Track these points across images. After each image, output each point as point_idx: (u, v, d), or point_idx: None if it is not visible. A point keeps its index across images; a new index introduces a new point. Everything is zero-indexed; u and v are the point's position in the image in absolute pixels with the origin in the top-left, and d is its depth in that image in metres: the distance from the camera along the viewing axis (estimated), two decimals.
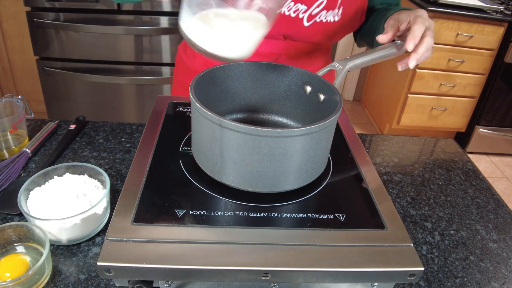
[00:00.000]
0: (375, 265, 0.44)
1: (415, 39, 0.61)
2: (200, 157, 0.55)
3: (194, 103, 0.50)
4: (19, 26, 2.03)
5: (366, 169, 0.60)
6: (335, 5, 0.75)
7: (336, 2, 0.76)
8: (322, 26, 0.77)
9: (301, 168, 0.52)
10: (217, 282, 0.47)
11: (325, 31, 0.78)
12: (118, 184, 0.67)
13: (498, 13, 2.07)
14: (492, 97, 2.30)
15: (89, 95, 1.95)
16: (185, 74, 0.91)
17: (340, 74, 0.61)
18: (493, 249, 0.63)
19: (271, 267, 0.43)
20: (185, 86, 0.92)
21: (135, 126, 0.85)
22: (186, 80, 0.92)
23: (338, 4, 0.76)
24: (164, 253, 0.43)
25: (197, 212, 0.49)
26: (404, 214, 0.68)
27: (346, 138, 0.68)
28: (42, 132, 0.77)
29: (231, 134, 0.48)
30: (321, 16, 0.76)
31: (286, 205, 0.52)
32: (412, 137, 0.92)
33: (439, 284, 0.56)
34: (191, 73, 0.89)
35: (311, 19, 0.76)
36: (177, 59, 0.95)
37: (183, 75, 0.93)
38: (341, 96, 0.56)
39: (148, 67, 1.88)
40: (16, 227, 0.52)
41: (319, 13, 0.75)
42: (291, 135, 0.47)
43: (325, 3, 0.75)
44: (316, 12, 0.75)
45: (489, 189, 0.77)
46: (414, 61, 0.62)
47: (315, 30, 0.78)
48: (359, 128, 2.69)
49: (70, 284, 0.50)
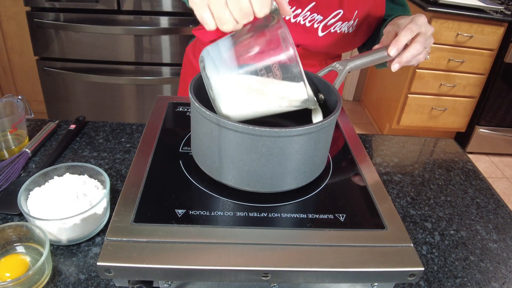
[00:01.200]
0: (375, 265, 0.44)
1: (398, 45, 0.60)
2: (199, 156, 0.55)
3: (193, 102, 0.50)
4: (19, 26, 2.03)
5: (366, 169, 0.60)
6: (351, 16, 0.75)
7: (353, 14, 0.75)
8: (336, 36, 0.77)
9: (299, 168, 0.52)
10: (217, 282, 0.47)
11: (338, 42, 0.78)
12: (118, 184, 0.67)
13: (498, 13, 2.08)
14: (492, 97, 2.30)
15: (89, 95, 1.95)
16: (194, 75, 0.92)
17: (340, 75, 0.61)
18: (493, 249, 0.63)
19: (271, 267, 0.43)
20: None
21: (135, 126, 0.85)
22: None
23: (354, 15, 0.76)
24: (164, 253, 0.43)
25: (197, 212, 0.49)
26: (404, 214, 0.68)
27: (346, 138, 0.68)
28: (42, 132, 0.77)
29: (229, 134, 0.48)
30: (336, 27, 0.76)
31: (286, 205, 0.52)
32: (412, 137, 0.92)
33: (439, 284, 0.56)
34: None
35: (325, 29, 0.76)
36: (185, 60, 0.96)
37: (191, 76, 0.93)
38: (341, 97, 0.56)
39: (148, 67, 1.88)
40: (16, 227, 0.52)
41: (334, 23, 0.75)
42: (289, 135, 0.47)
43: (342, 14, 0.75)
44: (331, 23, 0.75)
45: (489, 189, 0.77)
46: (397, 65, 0.62)
47: (328, 40, 0.78)
48: (359, 128, 2.69)
49: (70, 284, 0.50)
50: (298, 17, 0.74)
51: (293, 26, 0.75)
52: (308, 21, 0.75)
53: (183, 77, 0.97)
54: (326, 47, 0.79)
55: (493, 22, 2.07)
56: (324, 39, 0.77)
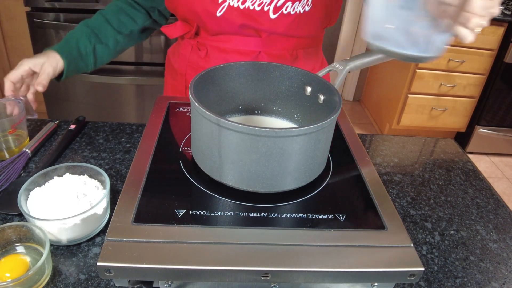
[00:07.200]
0: (375, 265, 0.44)
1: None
2: (199, 156, 0.55)
3: (193, 102, 0.50)
4: (19, 26, 2.03)
5: (366, 169, 0.60)
6: None
7: None
8: (291, 17, 0.75)
9: (299, 168, 0.52)
10: (217, 282, 0.47)
11: (295, 23, 0.76)
12: (118, 184, 0.67)
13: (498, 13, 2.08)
14: (492, 97, 2.30)
15: (89, 95, 1.95)
16: (173, 76, 0.92)
17: (340, 75, 0.61)
18: (493, 249, 0.63)
19: (271, 267, 0.43)
20: (174, 88, 0.93)
21: (135, 126, 0.85)
22: (174, 82, 0.92)
23: None
24: (164, 253, 0.43)
25: (197, 212, 0.49)
26: (404, 214, 0.68)
27: (346, 138, 0.68)
28: (42, 133, 0.77)
29: (229, 134, 0.48)
30: (288, 8, 0.74)
31: (286, 205, 0.52)
32: (412, 137, 0.92)
33: (439, 284, 0.56)
34: (178, 75, 0.90)
35: (277, 11, 0.74)
36: (167, 62, 0.96)
37: (171, 77, 0.93)
38: (341, 97, 0.56)
39: (148, 67, 1.88)
40: (16, 227, 0.52)
41: (284, 4, 0.73)
42: (289, 135, 0.47)
43: None
44: (281, 4, 0.73)
45: (489, 189, 0.77)
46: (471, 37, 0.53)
47: (283, 22, 0.75)
48: (359, 128, 2.69)
49: (70, 284, 0.50)
50: (246, 3, 0.72)
51: (243, 12, 0.73)
52: (257, 4, 0.73)
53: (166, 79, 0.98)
54: (284, 29, 0.77)
55: (493, 22, 2.07)
56: (277, 21, 0.75)
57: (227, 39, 0.79)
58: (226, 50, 0.80)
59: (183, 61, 0.87)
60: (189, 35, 0.84)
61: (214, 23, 0.76)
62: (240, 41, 0.79)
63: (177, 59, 0.90)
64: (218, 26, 0.76)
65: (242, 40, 0.79)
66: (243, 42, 0.79)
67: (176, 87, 0.92)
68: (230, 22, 0.75)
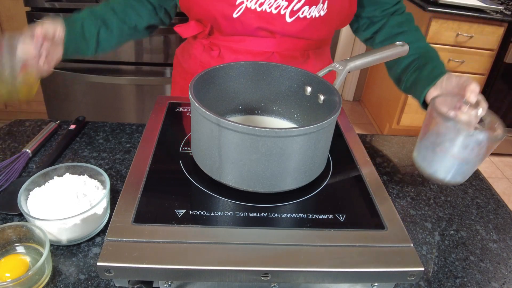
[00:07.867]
0: (375, 265, 0.44)
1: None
2: (199, 156, 0.55)
3: (193, 102, 0.50)
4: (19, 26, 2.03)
5: (366, 169, 0.60)
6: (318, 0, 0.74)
7: None
8: (306, 21, 0.76)
9: (299, 169, 0.52)
10: (217, 282, 0.47)
11: (310, 27, 0.77)
12: (118, 184, 0.67)
13: (498, 13, 2.07)
14: (492, 97, 2.30)
15: (89, 95, 1.95)
16: (183, 76, 0.92)
17: (340, 75, 0.61)
18: (493, 249, 0.63)
19: (271, 267, 0.43)
20: (184, 88, 0.93)
21: (135, 126, 0.85)
22: (184, 83, 0.92)
23: None
24: (164, 253, 0.43)
25: (197, 212, 0.49)
26: (404, 214, 0.68)
27: (346, 138, 0.68)
28: (42, 133, 0.77)
29: (228, 134, 0.48)
30: (304, 12, 0.75)
31: (286, 205, 0.52)
32: (412, 137, 0.92)
33: (439, 284, 0.56)
34: (188, 75, 0.90)
35: (293, 14, 0.75)
36: (175, 62, 0.96)
37: (181, 77, 0.93)
38: (341, 97, 0.56)
39: (148, 67, 1.88)
40: (16, 227, 0.52)
41: (301, 8, 0.74)
42: (289, 135, 0.47)
43: None
44: (298, 8, 0.74)
45: (489, 189, 0.77)
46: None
47: (299, 25, 0.76)
48: (359, 128, 2.69)
49: (70, 284, 0.50)
50: (263, 5, 0.73)
51: (259, 14, 0.74)
52: (274, 8, 0.74)
53: (174, 79, 0.98)
54: (298, 32, 0.78)
55: (493, 22, 2.07)
56: (293, 25, 0.76)
57: (241, 40, 0.79)
58: (239, 50, 0.80)
59: (194, 61, 0.87)
60: (202, 35, 0.84)
61: (229, 24, 0.76)
62: (253, 42, 0.79)
63: (187, 59, 0.90)
64: (233, 27, 0.77)
65: (255, 41, 0.79)
66: (256, 43, 0.79)
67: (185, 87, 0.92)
68: (245, 24, 0.75)
